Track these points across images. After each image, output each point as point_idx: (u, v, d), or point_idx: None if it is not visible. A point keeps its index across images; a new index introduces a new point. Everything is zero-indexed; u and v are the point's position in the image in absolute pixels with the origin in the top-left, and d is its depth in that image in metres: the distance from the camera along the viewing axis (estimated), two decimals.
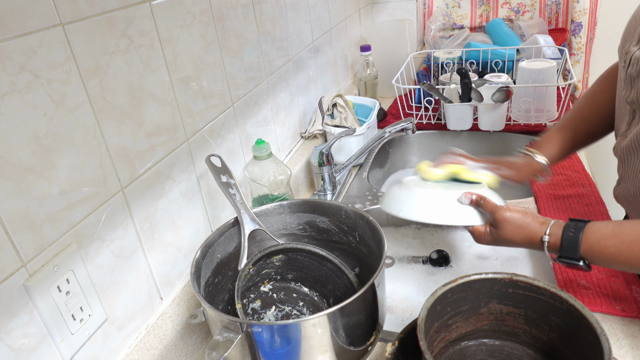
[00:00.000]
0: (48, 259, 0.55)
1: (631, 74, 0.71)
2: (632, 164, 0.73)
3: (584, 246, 0.65)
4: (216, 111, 0.88)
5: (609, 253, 0.63)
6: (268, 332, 0.60)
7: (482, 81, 1.28)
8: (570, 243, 0.65)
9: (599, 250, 0.64)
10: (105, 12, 0.61)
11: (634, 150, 0.71)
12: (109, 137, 0.63)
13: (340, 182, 1.19)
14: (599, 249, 0.64)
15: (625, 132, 0.74)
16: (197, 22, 0.81)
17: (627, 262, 0.63)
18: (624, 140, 0.74)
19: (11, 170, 0.50)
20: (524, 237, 0.69)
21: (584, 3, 1.89)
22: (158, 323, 0.72)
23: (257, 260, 0.75)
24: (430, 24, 2.01)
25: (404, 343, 0.63)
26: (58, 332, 0.56)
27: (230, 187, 0.78)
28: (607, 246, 0.63)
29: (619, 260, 0.63)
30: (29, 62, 0.52)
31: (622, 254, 0.62)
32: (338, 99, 1.29)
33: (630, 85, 0.71)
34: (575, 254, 0.65)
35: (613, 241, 0.63)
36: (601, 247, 0.64)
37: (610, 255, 0.63)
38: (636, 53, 0.70)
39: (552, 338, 0.61)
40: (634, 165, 0.72)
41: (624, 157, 0.74)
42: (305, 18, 1.28)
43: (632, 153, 0.72)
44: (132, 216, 0.68)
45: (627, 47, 0.72)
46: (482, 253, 1.01)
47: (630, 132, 0.72)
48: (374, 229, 0.74)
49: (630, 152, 0.72)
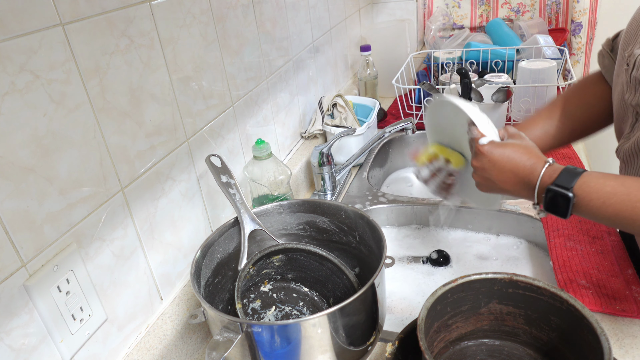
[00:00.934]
0: (48, 259, 0.55)
1: (636, 77, 0.69)
2: (634, 166, 0.72)
3: (583, 178, 0.62)
4: (216, 111, 0.88)
5: (605, 191, 0.60)
6: (268, 332, 0.60)
7: (482, 81, 1.28)
8: (570, 170, 0.63)
9: (596, 186, 0.61)
10: (105, 12, 0.61)
11: (637, 153, 0.71)
12: (109, 137, 0.63)
13: (340, 182, 1.19)
14: (597, 185, 0.61)
15: (628, 135, 0.73)
16: (197, 22, 0.81)
17: (621, 205, 0.59)
18: (627, 143, 0.74)
19: (11, 170, 0.50)
20: (523, 161, 0.66)
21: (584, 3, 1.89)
22: (158, 323, 0.72)
23: (257, 260, 0.75)
24: (430, 24, 2.01)
25: (404, 343, 0.63)
26: (58, 332, 0.56)
27: (230, 187, 0.78)
28: (606, 184, 0.61)
29: (613, 200, 0.60)
30: (29, 62, 0.52)
31: (618, 195, 0.59)
32: (338, 99, 1.29)
33: (634, 89, 0.70)
34: (570, 182, 0.62)
35: (614, 182, 0.60)
36: (599, 184, 0.61)
37: (606, 193, 0.60)
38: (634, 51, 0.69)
39: (552, 338, 0.61)
40: (636, 167, 0.72)
41: (627, 159, 0.74)
42: (305, 18, 1.28)
43: (635, 156, 0.72)
44: (132, 216, 0.68)
45: (630, 50, 0.71)
46: (482, 253, 1.01)
47: (633, 134, 0.72)
48: (374, 229, 0.74)
49: (633, 154, 0.72)
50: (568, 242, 0.87)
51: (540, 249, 0.99)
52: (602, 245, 0.85)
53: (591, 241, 0.86)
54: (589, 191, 0.61)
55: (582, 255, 0.84)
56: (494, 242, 1.04)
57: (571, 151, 1.16)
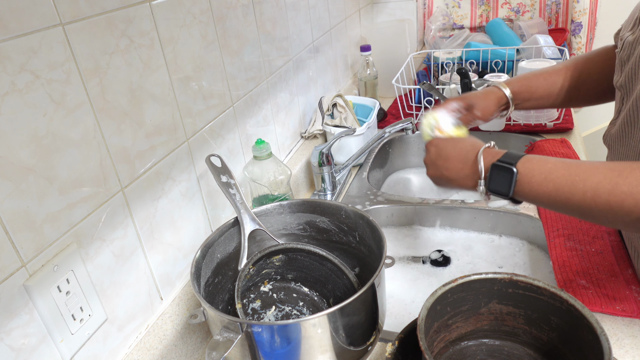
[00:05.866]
0: (48, 259, 0.55)
1: (622, 58, 0.71)
2: (617, 153, 0.73)
3: (526, 156, 0.63)
4: (216, 111, 0.88)
5: (547, 167, 0.61)
6: (268, 332, 0.60)
7: (482, 81, 1.28)
8: (513, 152, 0.65)
9: (539, 162, 0.62)
10: (105, 12, 0.61)
11: (620, 138, 0.71)
12: (109, 137, 0.63)
13: (340, 182, 1.19)
14: (539, 162, 0.62)
15: (614, 120, 0.74)
16: (197, 22, 0.81)
17: (560, 179, 0.60)
18: (613, 128, 0.74)
19: (11, 170, 0.50)
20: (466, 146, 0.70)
21: (584, 3, 1.89)
22: (158, 323, 0.72)
23: (257, 260, 0.75)
24: (430, 24, 2.01)
25: (404, 343, 0.63)
26: (58, 332, 0.56)
27: (230, 187, 0.78)
28: (548, 161, 0.62)
29: (553, 176, 0.60)
30: (29, 62, 0.52)
31: (559, 170, 0.60)
32: (338, 99, 1.29)
33: (620, 70, 0.72)
34: (514, 159, 0.63)
35: (555, 160, 0.62)
36: (542, 161, 0.62)
37: (547, 169, 0.61)
38: (629, 38, 0.70)
39: (552, 338, 0.61)
40: (618, 153, 0.72)
41: (612, 144, 0.75)
42: (305, 18, 1.28)
43: (617, 141, 0.72)
44: (132, 216, 0.68)
45: (622, 33, 0.74)
46: (482, 253, 1.01)
47: (618, 120, 0.72)
48: (374, 229, 0.74)
49: (616, 139, 0.72)
50: (568, 242, 0.87)
51: (540, 249, 0.99)
52: (602, 245, 0.85)
53: (591, 241, 0.86)
54: (532, 167, 0.62)
55: (582, 255, 0.84)
56: (493, 242, 1.04)
57: (571, 151, 1.16)
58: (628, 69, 0.69)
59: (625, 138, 0.69)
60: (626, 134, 0.69)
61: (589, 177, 0.58)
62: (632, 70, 0.68)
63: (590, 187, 0.57)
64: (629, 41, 0.70)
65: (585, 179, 0.58)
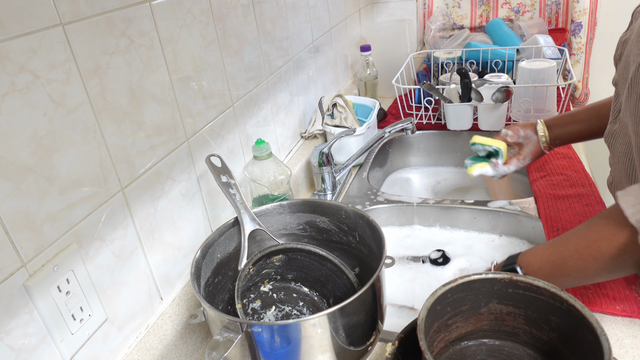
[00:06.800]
0: (48, 259, 0.55)
1: (615, 57, 0.76)
2: (616, 150, 0.74)
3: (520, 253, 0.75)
4: (216, 111, 0.88)
5: (537, 252, 0.72)
6: (268, 332, 0.60)
7: (482, 81, 1.28)
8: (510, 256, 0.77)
9: (531, 252, 0.73)
10: (105, 12, 0.61)
11: (616, 136, 0.73)
12: (109, 137, 0.63)
13: (340, 182, 1.19)
14: (531, 251, 0.74)
15: (614, 120, 0.76)
16: (197, 22, 0.81)
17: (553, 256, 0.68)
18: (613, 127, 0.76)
19: (11, 170, 0.50)
20: None
21: (584, 3, 1.89)
22: (158, 323, 0.72)
23: (257, 260, 0.75)
24: (430, 24, 2.01)
25: (404, 343, 0.63)
26: (58, 332, 0.56)
27: (230, 187, 0.78)
28: (536, 249, 0.73)
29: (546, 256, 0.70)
30: (29, 62, 0.52)
31: (548, 253, 0.70)
32: (338, 99, 1.29)
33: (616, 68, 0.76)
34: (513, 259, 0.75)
35: (542, 247, 0.72)
36: (531, 250, 0.74)
37: (539, 253, 0.72)
38: (622, 37, 0.75)
39: (552, 338, 0.61)
40: (617, 151, 0.73)
41: (610, 143, 0.76)
42: (305, 18, 1.28)
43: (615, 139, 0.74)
44: (132, 216, 0.68)
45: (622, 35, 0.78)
46: (483, 253, 1.01)
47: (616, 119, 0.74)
48: (374, 229, 0.74)
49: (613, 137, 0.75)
50: None
51: None
52: None
53: None
54: (527, 259, 0.73)
55: None
56: (494, 242, 1.04)
57: (571, 151, 1.16)
58: (621, 66, 0.72)
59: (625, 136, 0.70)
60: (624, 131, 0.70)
61: (567, 241, 0.67)
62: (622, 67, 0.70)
63: (573, 249, 0.65)
64: (621, 40, 0.75)
65: (566, 242, 0.67)
